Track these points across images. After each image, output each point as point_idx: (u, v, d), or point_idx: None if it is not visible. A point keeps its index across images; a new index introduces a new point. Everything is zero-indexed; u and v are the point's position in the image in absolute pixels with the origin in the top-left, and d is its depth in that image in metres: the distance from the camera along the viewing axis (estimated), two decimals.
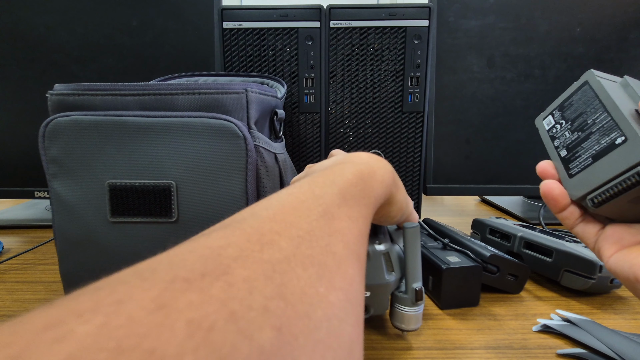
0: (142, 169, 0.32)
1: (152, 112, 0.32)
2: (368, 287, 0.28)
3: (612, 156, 0.23)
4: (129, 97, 0.33)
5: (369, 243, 0.29)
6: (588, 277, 0.36)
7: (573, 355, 0.29)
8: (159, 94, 0.33)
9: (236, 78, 0.50)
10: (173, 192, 0.32)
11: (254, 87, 0.34)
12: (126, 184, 0.32)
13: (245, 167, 0.33)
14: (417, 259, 0.28)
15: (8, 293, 0.40)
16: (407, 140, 0.59)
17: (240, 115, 0.34)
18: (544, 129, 0.30)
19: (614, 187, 0.22)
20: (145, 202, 0.33)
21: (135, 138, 0.32)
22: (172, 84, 0.33)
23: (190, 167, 0.32)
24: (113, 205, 0.33)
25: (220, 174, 0.32)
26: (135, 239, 0.34)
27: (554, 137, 0.28)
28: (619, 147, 0.23)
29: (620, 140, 0.23)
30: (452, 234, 0.45)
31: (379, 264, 0.28)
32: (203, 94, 0.33)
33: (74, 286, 0.33)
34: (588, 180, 0.24)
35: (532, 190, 0.67)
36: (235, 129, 0.32)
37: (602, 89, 0.25)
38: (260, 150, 0.35)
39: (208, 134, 0.32)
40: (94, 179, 0.33)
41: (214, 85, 0.33)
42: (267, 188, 0.35)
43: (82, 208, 0.33)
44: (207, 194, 0.33)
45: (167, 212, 0.33)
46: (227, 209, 0.33)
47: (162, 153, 0.32)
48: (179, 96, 0.33)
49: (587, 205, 0.25)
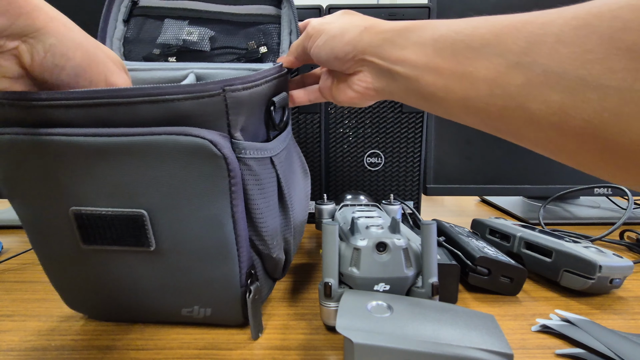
0: (108, 195, 0.27)
1: (107, 131, 0.25)
2: (387, 280, 0.29)
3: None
4: (75, 109, 0.25)
5: (390, 237, 0.30)
6: (587, 277, 0.36)
7: (572, 356, 0.29)
8: (113, 104, 0.25)
9: (225, 65, 0.41)
10: (146, 222, 0.27)
11: (236, 82, 0.26)
12: (93, 212, 0.27)
13: (229, 189, 0.27)
14: (433, 254, 0.29)
15: (7, 293, 0.40)
16: (407, 141, 0.59)
17: (219, 124, 0.26)
18: None
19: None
20: (117, 232, 0.28)
21: (93, 163, 0.26)
22: (128, 88, 0.25)
23: (164, 193, 0.27)
24: (82, 233, 0.28)
25: (201, 200, 0.27)
26: (114, 265, 0.30)
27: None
28: None
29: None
30: (452, 233, 0.45)
31: (399, 259, 0.29)
32: (169, 102, 0.25)
33: (68, 293, 0.33)
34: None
35: (532, 191, 0.67)
36: (211, 148, 0.25)
37: None
38: (249, 162, 0.28)
39: (179, 155, 0.25)
40: (56, 204, 0.27)
41: (182, 88, 0.25)
42: (260, 205, 0.30)
43: (50, 232, 0.29)
44: (188, 220, 0.27)
45: (144, 242, 0.28)
46: (212, 234, 0.28)
47: (128, 179, 0.26)
48: (139, 105, 0.25)
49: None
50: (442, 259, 0.36)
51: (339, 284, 0.30)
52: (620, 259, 0.38)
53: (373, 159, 0.60)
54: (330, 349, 0.30)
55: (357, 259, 0.30)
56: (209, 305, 0.31)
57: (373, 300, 0.27)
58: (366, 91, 0.30)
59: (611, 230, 0.49)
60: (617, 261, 0.37)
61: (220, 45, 0.43)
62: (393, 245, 0.29)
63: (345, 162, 0.60)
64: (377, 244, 0.29)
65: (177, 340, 0.31)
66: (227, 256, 0.29)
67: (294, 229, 0.36)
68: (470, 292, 0.39)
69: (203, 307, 0.31)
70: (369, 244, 0.29)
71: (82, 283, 0.31)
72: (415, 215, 0.56)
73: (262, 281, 0.33)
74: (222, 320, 0.32)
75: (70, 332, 0.32)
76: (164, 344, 0.30)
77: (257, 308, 0.31)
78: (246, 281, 0.30)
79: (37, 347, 0.30)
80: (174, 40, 0.42)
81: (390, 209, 0.49)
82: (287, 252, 0.36)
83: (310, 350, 0.30)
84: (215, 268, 0.29)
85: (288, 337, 0.31)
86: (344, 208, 0.47)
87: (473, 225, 0.53)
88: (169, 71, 0.37)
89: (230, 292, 0.30)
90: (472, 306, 0.37)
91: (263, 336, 0.31)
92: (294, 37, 0.41)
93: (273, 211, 0.32)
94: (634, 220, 0.62)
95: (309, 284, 0.41)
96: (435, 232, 0.29)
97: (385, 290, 0.30)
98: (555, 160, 0.22)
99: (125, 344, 0.31)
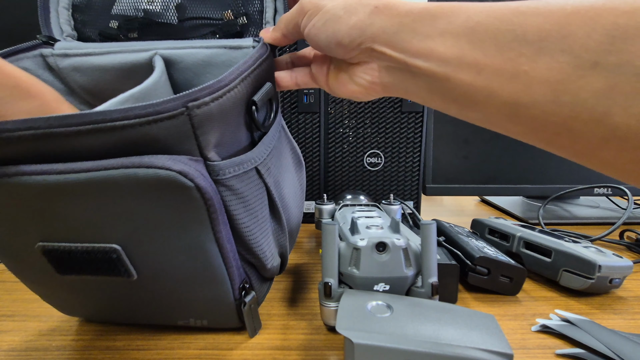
0: (75, 231, 0.23)
1: (55, 167, 0.20)
2: (387, 280, 0.30)
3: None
4: (14, 144, 0.20)
5: (390, 237, 0.30)
6: (587, 277, 0.36)
7: (572, 356, 0.29)
8: (52, 135, 0.20)
9: (196, 42, 0.34)
10: (121, 255, 0.24)
11: (202, 93, 0.21)
12: (61, 247, 0.24)
13: (208, 218, 0.23)
14: (433, 254, 0.29)
15: (7, 293, 0.40)
16: (406, 140, 0.59)
17: (187, 146, 0.22)
18: None
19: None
20: (93, 264, 0.24)
21: (49, 202, 0.22)
22: (68, 115, 0.20)
23: (134, 227, 0.23)
24: (55, 266, 0.25)
25: (177, 231, 0.23)
26: (99, 290, 0.27)
27: None
28: None
29: None
30: (452, 233, 0.45)
31: (399, 259, 0.29)
32: (118, 129, 0.20)
33: (59, 306, 0.32)
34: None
35: (531, 190, 0.67)
36: (180, 179, 0.21)
37: None
38: (229, 182, 0.25)
39: (143, 191, 0.21)
40: (22, 240, 0.24)
41: (132, 111, 0.20)
42: (247, 223, 0.27)
43: (23, 263, 0.26)
44: (168, 250, 0.24)
45: (124, 273, 0.25)
46: (196, 261, 0.25)
47: (91, 216, 0.22)
48: (85, 136, 0.20)
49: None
50: (441, 258, 0.36)
51: (338, 284, 0.30)
52: (620, 258, 0.38)
53: (373, 159, 0.60)
54: (331, 349, 0.30)
55: (357, 259, 0.30)
56: (205, 317, 0.30)
57: (373, 300, 0.27)
58: (372, 86, 0.25)
59: (611, 230, 0.49)
60: (616, 261, 0.37)
61: (190, 16, 0.35)
62: (393, 245, 0.29)
63: (345, 162, 0.60)
64: (377, 244, 0.29)
65: (178, 340, 0.31)
66: (216, 279, 0.27)
67: (289, 232, 0.34)
68: (470, 292, 0.39)
69: (199, 319, 0.30)
70: (368, 244, 0.29)
71: (69, 299, 0.30)
72: (415, 215, 0.56)
73: (258, 287, 0.32)
74: (219, 326, 0.32)
75: (71, 332, 0.32)
76: (165, 344, 0.30)
77: (254, 312, 0.31)
78: (240, 294, 0.29)
79: (38, 347, 0.30)
80: (133, 10, 0.35)
81: (390, 209, 0.49)
82: (282, 256, 0.34)
83: (310, 350, 0.30)
84: (206, 289, 0.27)
85: (288, 337, 0.31)
86: (343, 208, 0.47)
87: (473, 225, 0.53)
88: (129, 54, 0.32)
89: (224, 306, 0.29)
90: (472, 306, 0.37)
91: (263, 336, 0.32)
92: (280, 3, 0.34)
93: (263, 224, 0.29)
94: (633, 220, 0.62)
95: (309, 284, 0.41)
96: (435, 232, 0.29)
97: (385, 290, 0.30)
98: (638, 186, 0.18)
99: (126, 344, 0.31)
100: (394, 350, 0.22)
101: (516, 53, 0.18)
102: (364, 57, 0.24)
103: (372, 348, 0.22)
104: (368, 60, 0.24)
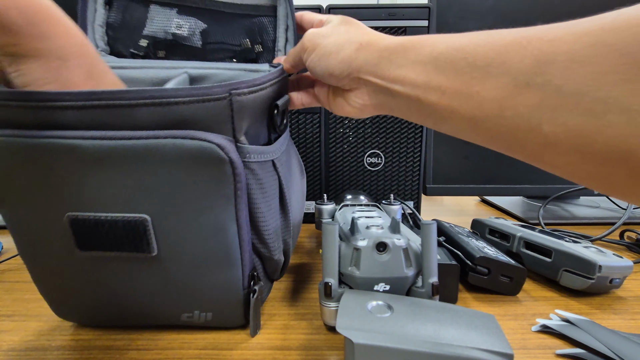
0: (107, 201, 0.25)
1: (106, 133, 0.24)
2: (388, 280, 0.30)
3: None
4: (71, 110, 0.23)
5: (390, 237, 0.30)
6: (587, 277, 0.36)
7: (572, 356, 0.29)
8: (112, 106, 0.23)
9: (220, 64, 0.38)
10: (149, 227, 0.26)
11: (242, 85, 0.25)
12: (90, 218, 0.26)
13: (234, 194, 0.26)
14: (433, 254, 0.29)
15: (7, 293, 0.40)
16: (406, 140, 0.59)
17: (224, 128, 0.26)
18: None
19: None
20: (117, 237, 0.26)
21: (91, 167, 0.24)
22: (130, 90, 0.23)
23: (166, 198, 0.26)
24: (78, 239, 0.26)
25: (205, 205, 0.26)
26: (110, 272, 0.28)
27: None
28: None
29: None
30: (452, 233, 0.45)
31: (399, 259, 0.29)
32: (173, 105, 0.24)
33: (58, 301, 0.31)
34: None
35: (531, 190, 0.67)
36: (218, 151, 0.24)
37: None
38: (253, 166, 0.28)
39: (184, 160, 0.24)
40: (50, 210, 0.26)
41: (187, 91, 0.24)
42: (262, 209, 0.29)
43: (42, 239, 0.27)
44: (192, 226, 0.27)
45: (145, 248, 0.27)
46: (216, 239, 0.27)
47: (129, 184, 0.25)
48: (140, 108, 0.24)
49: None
50: (442, 258, 0.36)
51: (339, 284, 0.30)
52: (620, 258, 0.38)
53: (373, 159, 0.60)
54: (331, 349, 0.30)
55: (357, 259, 0.30)
56: (210, 309, 0.31)
57: (373, 300, 0.27)
58: (364, 107, 0.30)
59: (611, 230, 0.49)
60: (616, 261, 0.37)
61: (213, 41, 0.41)
62: (393, 245, 0.29)
63: (345, 162, 0.60)
64: (377, 244, 0.29)
65: (178, 340, 0.31)
66: (230, 261, 0.28)
67: (293, 230, 0.36)
68: (470, 292, 0.39)
69: (204, 312, 0.31)
70: (369, 244, 0.29)
71: (74, 291, 0.30)
72: (415, 215, 0.56)
73: (263, 282, 0.33)
74: (222, 323, 0.32)
75: (71, 332, 0.32)
76: (165, 344, 0.30)
77: (258, 308, 0.31)
78: (249, 283, 0.30)
79: (38, 347, 0.30)
80: (163, 34, 0.40)
81: (390, 209, 0.49)
82: (285, 254, 0.36)
83: (310, 350, 0.30)
84: (219, 273, 0.29)
85: (289, 337, 0.31)
86: (344, 208, 0.47)
87: (473, 225, 0.53)
88: (161, 70, 0.36)
89: (232, 295, 0.30)
90: (472, 306, 0.37)
91: (263, 336, 0.32)
92: (290, 33, 0.40)
93: (274, 214, 0.32)
94: (633, 220, 0.62)
95: (309, 284, 0.41)
96: (435, 232, 0.29)
97: (385, 290, 0.30)
98: (581, 185, 0.20)
99: (126, 344, 0.31)
100: (394, 350, 0.22)
101: (469, 77, 0.21)
102: (353, 84, 0.29)
103: (372, 348, 0.22)
104: (357, 86, 0.29)
